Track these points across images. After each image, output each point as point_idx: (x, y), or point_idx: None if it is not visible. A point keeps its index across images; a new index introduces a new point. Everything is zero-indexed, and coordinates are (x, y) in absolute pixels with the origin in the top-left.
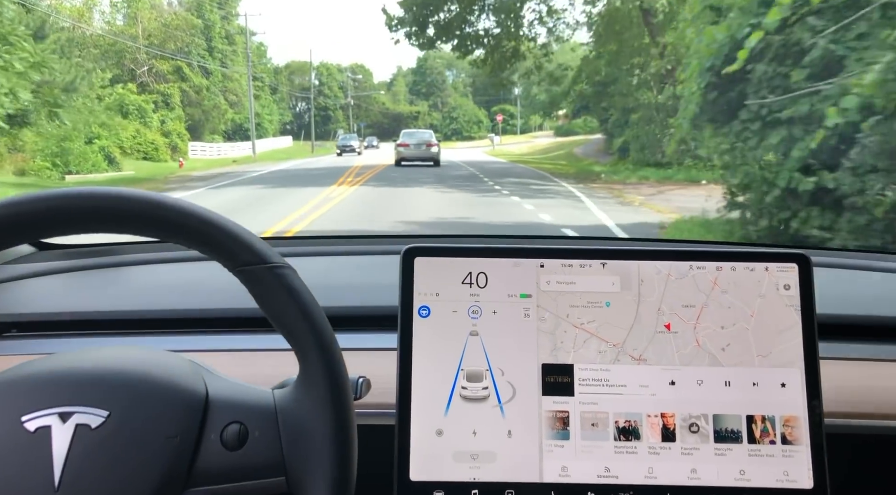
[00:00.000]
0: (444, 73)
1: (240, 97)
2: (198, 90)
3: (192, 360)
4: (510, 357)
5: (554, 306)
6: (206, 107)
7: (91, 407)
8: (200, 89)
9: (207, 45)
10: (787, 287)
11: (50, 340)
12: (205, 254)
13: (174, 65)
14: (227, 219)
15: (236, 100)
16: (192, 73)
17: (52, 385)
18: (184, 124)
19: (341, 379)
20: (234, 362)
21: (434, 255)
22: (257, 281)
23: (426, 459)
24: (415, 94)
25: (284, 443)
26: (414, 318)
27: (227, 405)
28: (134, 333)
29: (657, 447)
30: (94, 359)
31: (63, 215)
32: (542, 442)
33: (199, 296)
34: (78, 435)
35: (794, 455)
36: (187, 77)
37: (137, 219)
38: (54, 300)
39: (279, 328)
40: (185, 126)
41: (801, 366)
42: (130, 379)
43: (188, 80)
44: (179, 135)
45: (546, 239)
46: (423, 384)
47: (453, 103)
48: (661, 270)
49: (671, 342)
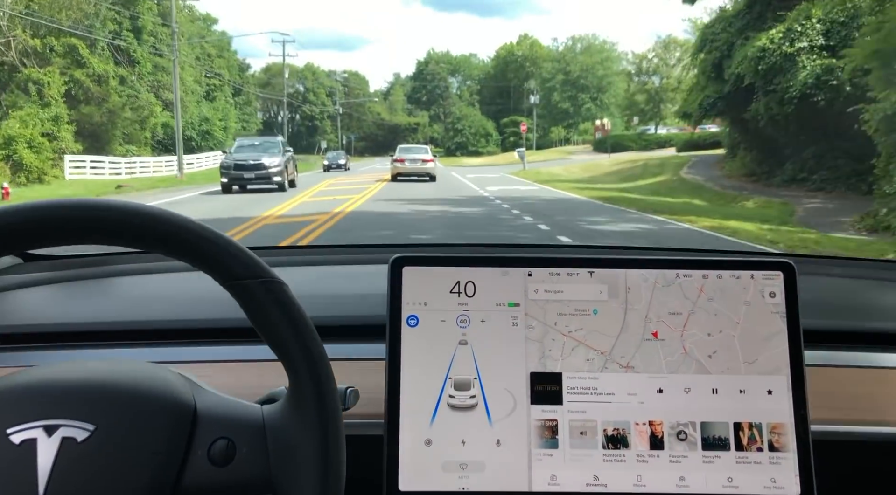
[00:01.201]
0: (448, 80)
1: (182, 98)
2: (100, 80)
3: (180, 373)
4: (499, 365)
5: (542, 314)
6: (112, 105)
7: (77, 421)
8: (104, 80)
9: (133, 24)
10: (772, 294)
11: (35, 352)
12: (195, 267)
13: (66, 43)
14: (218, 233)
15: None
16: (92, 57)
17: (37, 397)
18: (70, 128)
19: (331, 397)
20: (220, 373)
21: (422, 265)
22: (249, 295)
23: (415, 469)
24: (414, 103)
25: (272, 460)
26: (402, 328)
27: (215, 420)
28: (120, 344)
29: (645, 455)
30: (81, 372)
31: (50, 227)
32: (530, 451)
33: (184, 306)
34: (63, 448)
35: (781, 462)
36: (85, 62)
37: (126, 230)
38: (40, 312)
39: (269, 343)
40: (78, 130)
41: (787, 373)
42: (118, 393)
43: (86, 65)
44: (55, 143)
45: (534, 247)
46: (411, 394)
47: (458, 113)
48: (649, 278)
49: (658, 350)
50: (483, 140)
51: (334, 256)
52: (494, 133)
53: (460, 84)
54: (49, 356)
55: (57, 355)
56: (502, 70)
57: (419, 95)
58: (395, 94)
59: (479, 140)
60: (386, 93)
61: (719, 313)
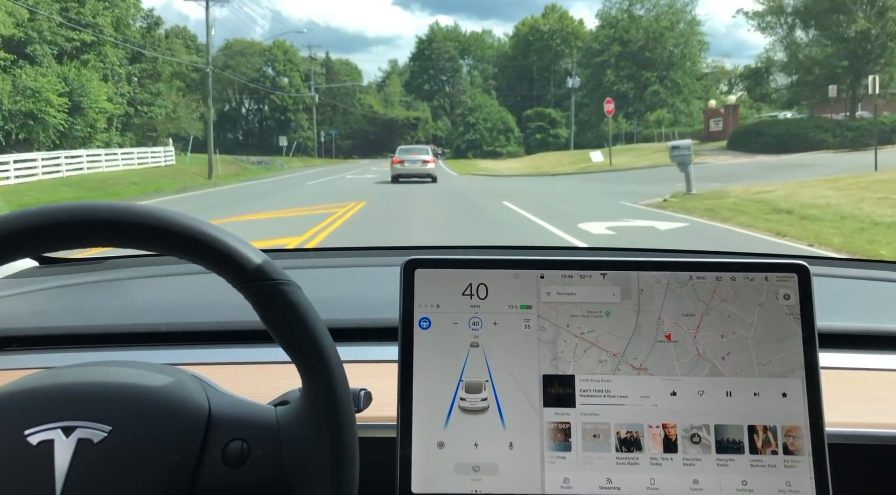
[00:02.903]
0: (458, 61)
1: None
2: None
3: (195, 375)
4: (511, 368)
5: (554, 316)
6: None
7: (94, 422)
8: None
9: None
10: (786, 296)
11: (51, 354)
12: (208, 270)
13: None
14: (231, 235)
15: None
16: None
17: (54, 399)
18: None
19: (344, 399)
20: (234, 375)
21: (434, 267)
22: (262, 297)
23: (428, 472)
24: (414, 93)
25: (286, 461)
26: (415, 330)
27: (230, 422)
28: (135, 347)
29: (659, 458)
30: (97, 374)
31: (65, 230)
32: (543, 453)
33: (198, 309)
34: (80, 449)
35: (796, 465)
36: None
37: (139, 233)
38: (55, 315)
39: (282, 344)
40: None
41: (802, 376)
42: (133, 395)
43: None
44: None
45: (546, 249)
46: (424, 396)
47: (469, 103)
48: (661, 280)
49: (671, 351)
50: (502, 137)
51: (347, 259)
52: (516, 128)
53: (471, 68)
54: (65, 358)
55: (73, 357)
56: (524, 50)
57: (420, 82)
58: (392, 85)
59: (498, 137)
60: (381, 83)
61: (732, 315)
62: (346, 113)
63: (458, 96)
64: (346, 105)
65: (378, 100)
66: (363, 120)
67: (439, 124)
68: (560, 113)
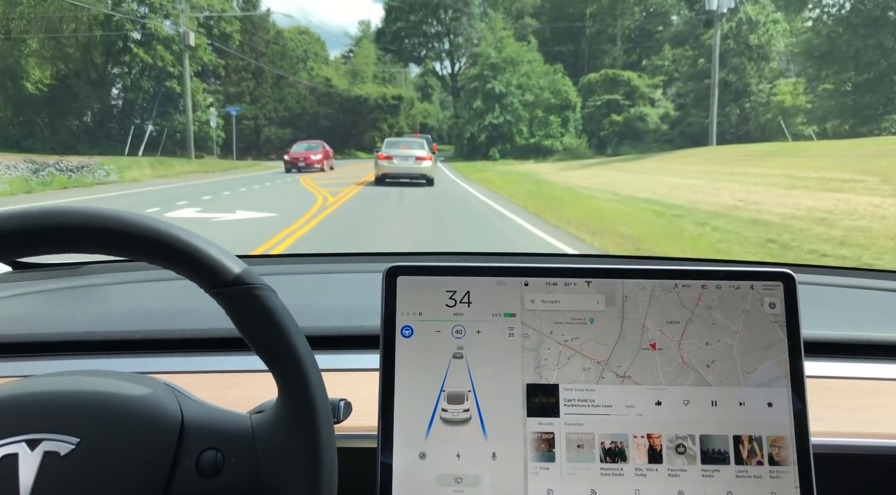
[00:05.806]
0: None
1: None
2: None
3: (166, 383)
4: (494, 377)
5: (538, 324)
6: None
7: (60, 434)
8: None
9: None
10: (772, 305)
11: (21, 362)
12: (180, 275)
13: None
14: (202, 238)
15: None
16: None
17: (19, 411)
18: None
19: (321, 405)
20: (209, 384)
21: (417, 274)
22: (235, 302)
23: (409, 483)
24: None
25: (262, 471)
26: (396, 338)
27: (203, 431)
28: (109, 355)
29: (644, 468)
30: (65, 384)
31: (37, 234)
32: (527, 464)
33: (172, 316)
34: (46, 463)
35: (781, 476)
36: None
37: (108, 238)
38: (26, 321)
39: (257, 351)
40: None
41: (787, 386)
42: (102, 405)
43: None
44: None
45: (530, 256)
46: (405, 405)
47: (494, 57)
48: (646, 287)
49: (656, 360)
50: (555, 120)
51: (327, 265)
52: (577, 101)
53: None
54: (37, 367)
55: (45, 366)
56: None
57: (402, 29)
58: (363, 52)
59: (548, 120)
60: (347, 54)
61: (717, 322)
62: (288, 87)
63: (470, 48)
64: (288, 71)
65: (341, 74)
66: (311, 98)
67: (430, 109)
68: (647, 79)
